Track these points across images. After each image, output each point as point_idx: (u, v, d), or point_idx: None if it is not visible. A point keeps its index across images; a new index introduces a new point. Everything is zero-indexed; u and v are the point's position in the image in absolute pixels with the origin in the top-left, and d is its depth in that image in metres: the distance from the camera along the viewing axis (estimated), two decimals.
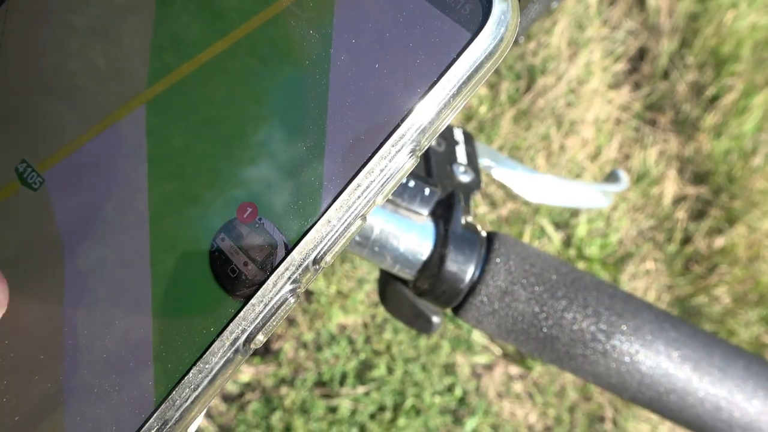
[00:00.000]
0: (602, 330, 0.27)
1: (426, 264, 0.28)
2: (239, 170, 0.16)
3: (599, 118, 1.56)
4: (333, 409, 1.13)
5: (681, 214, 1.50)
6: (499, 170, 0.39)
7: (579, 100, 1.56)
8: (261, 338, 0.16)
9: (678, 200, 1.53)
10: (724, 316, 1.41)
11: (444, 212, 0.29)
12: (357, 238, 0.28)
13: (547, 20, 1.66)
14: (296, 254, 0.15)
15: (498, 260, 0.28)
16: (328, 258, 0.16)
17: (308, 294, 1.21)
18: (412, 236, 0.28)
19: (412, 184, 0.28)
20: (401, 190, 0.28)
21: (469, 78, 0.15)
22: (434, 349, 1.23)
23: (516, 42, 0.47)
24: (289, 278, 0.15)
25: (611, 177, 0.47)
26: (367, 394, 1.16)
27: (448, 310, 0.29)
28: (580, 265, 1.39)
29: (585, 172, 1.49)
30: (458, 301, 0.28)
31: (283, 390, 1.13)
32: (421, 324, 0.30)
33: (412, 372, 1.19)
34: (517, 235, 1.39)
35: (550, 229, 1.41)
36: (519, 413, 1.26)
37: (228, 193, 0.16)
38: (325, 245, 0.15)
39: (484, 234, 0.29)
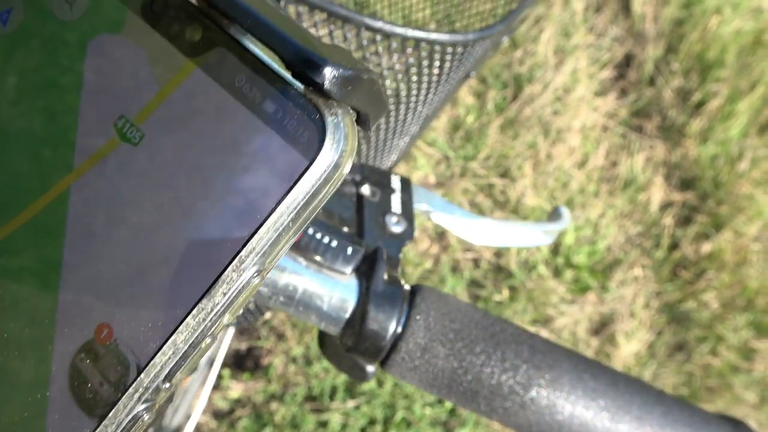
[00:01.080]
0: (520, 383, 0.28)
1: (349, 322, 0.29)
2: (97, 293, 0.16)
3: (586, 125, 1.57)
4: (323, 424, 1.13)
5: (668, 220, 1.51)
6: (438, 215, 0.40)
7: (565, 108, 1.57)
8: None
9: (665, 206, 1.54)
10: (712, 321, 1.42)
11: (368, 269, 0.30)
12: (281, 299, 0.28)
13: (533, 28, 1.67)
14: (144, 376, 0.16)
15: (418, 317, 0.29)
16: (178, 375, 0.16)
17: None
18: (336, 294, 0.29)
19: (334, 244, 0.29)
20: (324, 250, 0.29)
21: (307, 203, 0.15)
22: None
23: (467, 77, 0.47)
24: (140, 398, 0.16)
25: (554, 215, 0.48)
26: (357, 407, 1.16)
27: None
28: (568, 274, 1.40)
29: (572, 180, 1.50)
30: (382, 356, 0.29)
31: (273, 405, 1.13)
32: (357, 373, 0.31)
33: (401, 384, 1.19)
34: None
35: None
36: None
37: (88, 315, 0.16)
38: (173, 365, 0.16)
39: (407, 288, 0.30)
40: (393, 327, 0.29)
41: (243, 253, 0.15)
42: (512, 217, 1.43)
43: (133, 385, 0.16)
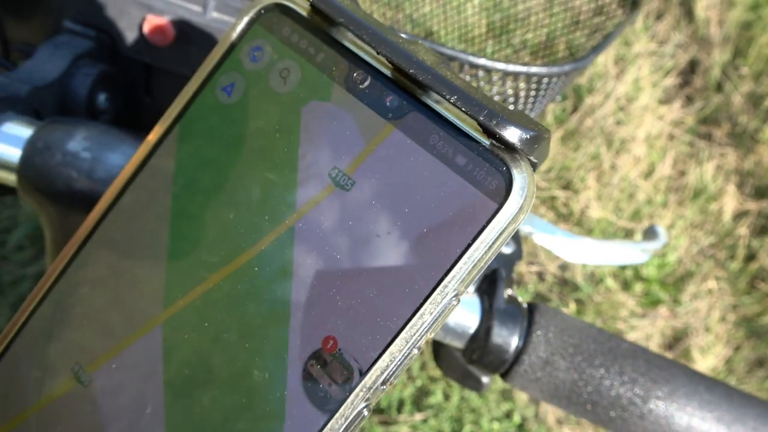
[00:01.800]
0: (638, 395, 0.29)
1: (474, 336, 0.32)
2: (323, 311, 0.19)
3: (651, 134, 1.53)
4: None
5: (743, 230, 1.45)
6: (540, 236, 0.42)
7: (629, 117, 1.54)
8: None
9: (739, 215, 1.48)
10: None
11: (488, 288, 0.32)
12: None
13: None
14: (368, 379, 0.19)
15: (539, 332, 0.31)
16: (392, 380, 0.19)
17: None
18: (461, 311, 0.32)
19: None
20: None
21: (497, 239, 0.18)
22: None
23: (554, 100, 0.51)
24: (363, 397, 0.19)
25: (649, 233, 0.49)
26: (425, 421, 1.16)
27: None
28: (638, 287, 1.36)
29: (639, 191, 1.46)
30: (504, 368, 0.31)
31: None
32: (471, 383, 0.33)
33: (468, 398, 1.19)
34: None
35: None
36: None
37: (315, 329, 0.19)
38: (389, 372, 0.19)
39: (525, 306, 0.32)
40: (516, 341, 0.31)
41: (446, 280, 0.18)
42: (576, 230, 1.41)
43: (359, 386, 0.19)
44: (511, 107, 0.44)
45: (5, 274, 1.10)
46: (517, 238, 0.37)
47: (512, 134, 0.17)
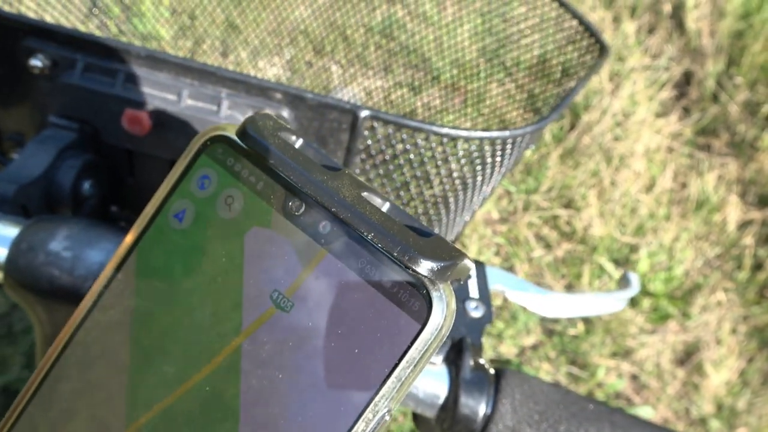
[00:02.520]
0: None
1: (443, 406, 0.33)
2: (268, 428, 0.20)
3: (650, 148, 1.54)
4: None
5: (748, 239, 1.44)
6: (512, 293, 0.43)
7: (626, 132, 1.54)
8: None
9: (743, 225, 1.47)
10: None
11: (455, 357, 0.33)
12: None
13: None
14: None
15: (505, 401, 0.32)
16: None
17: None
18: (429, 383, 0.33)
19: None
20: None
21: (421, 358, 0.19)
22: None
23: (527, 147, 0.52)
24: None
25: (622, 281, 0.50)
26: None
27: None
28: (646, 303, 1.35)
29: (641, 206, 1.46)
30: None
31: None
32: None
33: None
34: (575, 276, 1.37)
35: (609, 267, 1.38)
36: None
37: None
38: None
39: (492, 372, 0.33)
40: (483, 410, 0.32)
41: (376, 399, 0.19)
42: (580, 249, 1.40)
43: None
44: (479, 169, 0.45)
45: (17, 322, 1.11)
46: (486, 299, 0.38)
47: (423, 268, 0.19)
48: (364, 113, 0.41)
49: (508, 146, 0.45)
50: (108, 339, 0.22)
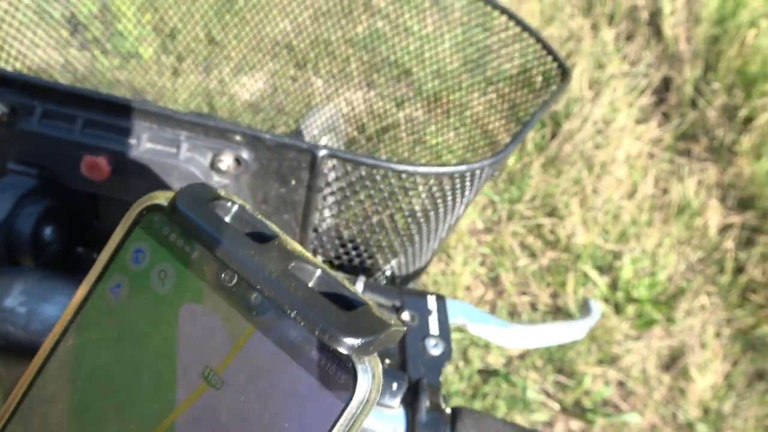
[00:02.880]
0: None
1: None
2: None
3: (631, 155, 1.55)
4: None
5: (729, 243, 1.46)
6: (474, 326, 0.43)
7: (607, 139, 1.55)
8: None
9: (724, 229, 1.49)
10: None
11: (413, 398, 0.34)
12: None
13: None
14: None
15: None
16: None
17: None
18: (387, 426, 0.33)
19: (381, 383, 0.34)
20: None
21: (350, 429, 0.19)
22: (491, 410, 1.21)
23: (492, 176, 0.53)
24: None
25: (584, 308, 0.51)
26: None
27: None
28: (630, 309, 1.36)
29: (623, 212, 1.48)
30: None
31: None
32: None
33: None
34: (560, 284, 1.37)
35: (593, 274, 1.39)
36: None
37: None
38: None
39: (449, 411, 0.33)
40: None
41: None
42: (565, 257, 1.41)
43: None
44: (440, 201, 0.46)
45: None
46: (446, 335, 0.39)
47: (345, 346, 0.19)
48: (322, 152, 0.41)
49: (467, 179, 0.45)
50: (51, 407, 0.22)
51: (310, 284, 0.20)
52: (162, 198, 0.21)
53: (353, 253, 0.50)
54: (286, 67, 1.04)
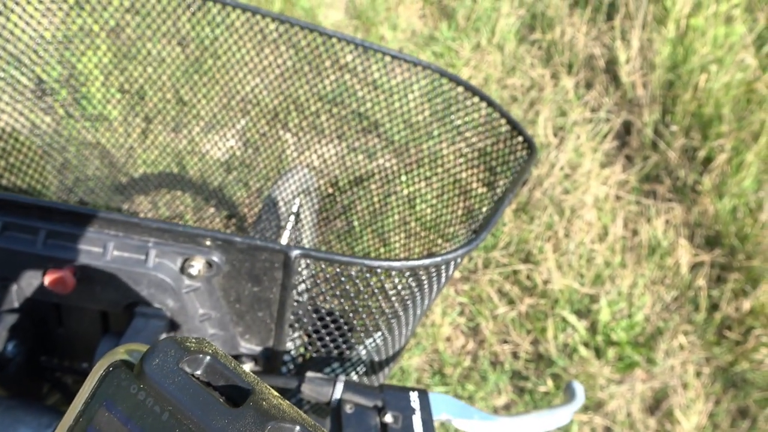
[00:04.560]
0: None
1: None
2: None
3: (599, 198, 1.58)
4: None
5: (701, 281, 1.48)
6: (458, 421, 0.43)
7: (575, 184, 1.58)
8: None
9: (695, 267, 1.51)
10: None
11: None
12: None
13: (529, 111, 1.72)
14: None
15: None
16: None
17: None
18: None
19: None
20: None
21: None
22: None
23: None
24: None
25: (567, 393, 0.51)
26: None
27: None
28: (611, 352, 1.35)
29: (596, 255, 1.49)
30: None
31: None
32: None
33: None
34: (540, 331, 1.36)
35: (572, 319, 1.38)
36: None
37: None
38: None
39: None
40: None
41: None
42: (542, 303, 1.41)
43: None
44: (417, 292, 0.46)
45: None
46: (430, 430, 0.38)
47: None
48: (295, 253, 0.41)
49: (443, 268, 0.45)
50: None
51: None
52: (128, 354, 0.20)
53: (332, 327, 0.49)
54: (257, 125, 1.04)
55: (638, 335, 1.40)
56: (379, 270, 0.42)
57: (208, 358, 0.20)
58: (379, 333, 0.49)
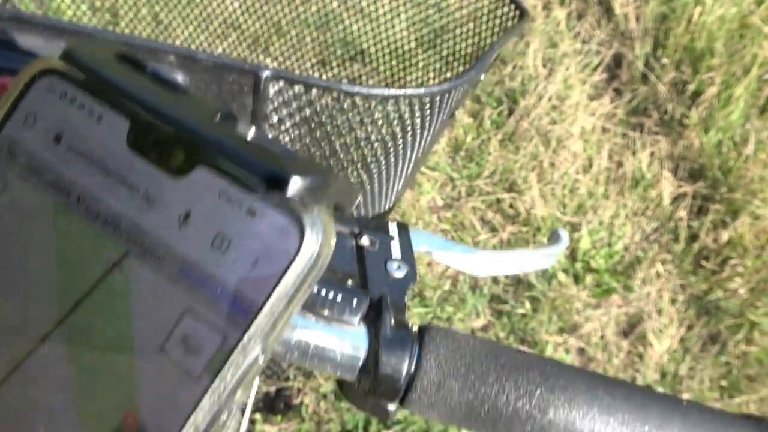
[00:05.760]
0: (536, 407, 0.29)
1: (363, 368, 0.31)
2: (123, 384, 0.18)
3: (585, 130, 1.58)
4: None
5: (682, 212, 1.50)
6: (439, 254, 0.41)
7: (562, 116, 1.58)
8: None
9: (677, 199, 1.53)
10: (743, 309, 1.39)
11: (375, 316, 0.31)
12: (296, 354, 0.30)
13: (520, 43, 1.70)
14: None
15: (429, 356, 0.30)
16: None
17: None
18: (347, 344, 0.31)
19: (340, 298, 0.31)
20: (330, 305, 0.31)
21: (296, 290, 0.18)
22: None
23: (452, 117, 0.51)
24: None
25: (552, 238, 0.50)
26: None
27: None
28: (589, 279, 1.39)
29: (580, 185, 1.50)
30: (399, 397, 0.30)
31: None
32: (379, 412, 0.32)
33: None
34: None
35: None
36: None
37: (115, 405, 0.18)
38: None
39: (415, 329, 0.31)
40: (405, 368, 0.30)
41: (244, 339, 0.18)
42: (525, 230, 1.43)
43: None
44: (399, 131, 0.44)
45: None
46: (410, 258, 0.36)
47: (291, 188, 0.17)
48: (266, 73, 0.38)
49: (427, 106, 0.43)
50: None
51: (243, 136, 0.19)
52: (57, 63, 0.19)
53: None
54: (237, 49, 1.02)
55: (617, 263, 1.43)
56: (358, 98, 0.39)
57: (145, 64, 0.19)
58: (359, 177, 0.47)
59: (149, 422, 0.18)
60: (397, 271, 0.35)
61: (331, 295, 0.30)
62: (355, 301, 0.31)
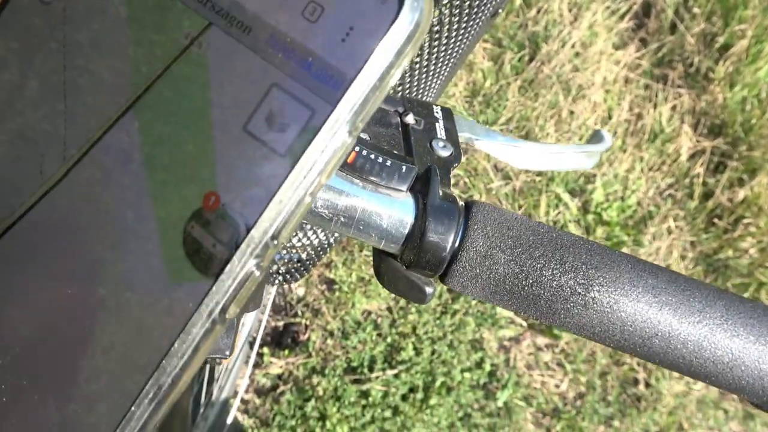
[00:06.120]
0: (581, 284, 0.28)
1: (409, 237, 0.30)
2: (204, 163, 0.18)
3: (607, 79, 1.54)
4: (365, 394, 1.15)
5: (699, 169, 1.47)
6: (481, 142, 0.40)
7: (585, 63, 1.54)
8: (234, 309, 0.18)
9: (695, 155, 1.50)
10: (752, 269, 1.39)
11: (423, 187, 0.30)
12: (342, 219, 0.30)
13: None
14: (255, 233, 0.18)
15: (476, 227, 0.29)
16: (284, 234, 0.18)
17: (330, 283, 1.23)
18: (394, 212, 0.30)
19: (389, 163, 0.30)
20: (379, 170, 0.30)
21: (392, 63, 0.17)
22: (460, 327, 1.24)
23: (496, 14, 0.48)
24: (252, 254, 0.18)
25: (594, 137, 0.48)
26: (397, 376, 1.17)
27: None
28: (600, 231, 1.38)
29: None
30: (443, 269, 0.30)
31: (315, 379, 1.15)
32: (414, 294, 0.31)
33: (439, 351, 1.20)
34: (533, 206, 1.38)
35: (566, 197, 1.40)
36: (550, 383, 1.26)
37: (195, 185, 0.18)
38: (279, 223, 0.18)
39: (462, 203, 0.30)
40: (452, 239, 0.29)
41: (335, 113, 0.17)
42: (539, 179, 1.42)
43: (245, 241, 0.18)
44: (446, 18, 0.42)
45: None
46: (454, 140, 0.35)
47: None
48: None
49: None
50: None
51: None
52: None
53: None
54: None
55: (629, 217, 1.42)
56: None
57: None
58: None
59: (231, 202, 0.18)
60: (443, 150, 0.34)
61: (380, 159, 0.30)
62: (404, 168, 0.30)
